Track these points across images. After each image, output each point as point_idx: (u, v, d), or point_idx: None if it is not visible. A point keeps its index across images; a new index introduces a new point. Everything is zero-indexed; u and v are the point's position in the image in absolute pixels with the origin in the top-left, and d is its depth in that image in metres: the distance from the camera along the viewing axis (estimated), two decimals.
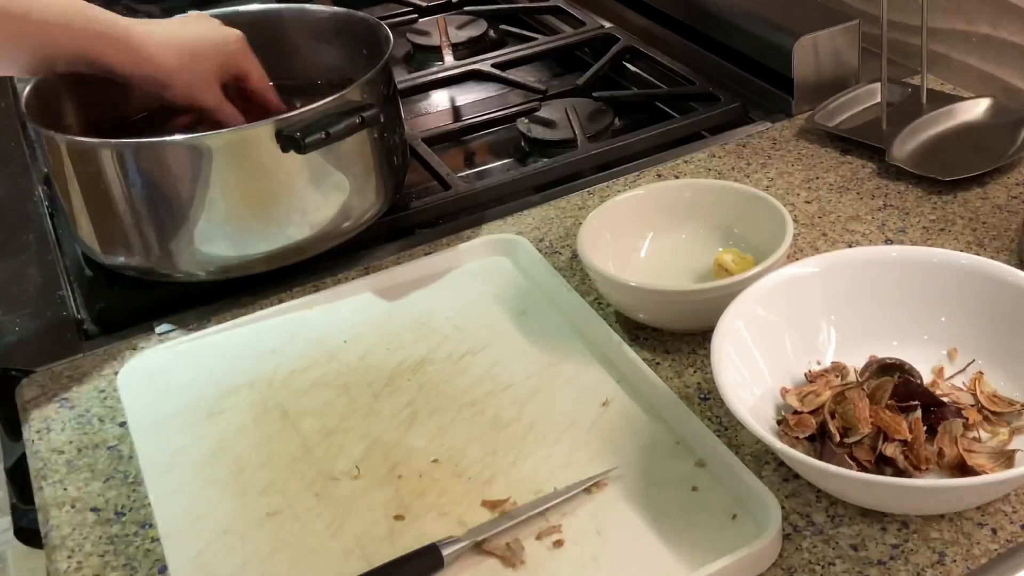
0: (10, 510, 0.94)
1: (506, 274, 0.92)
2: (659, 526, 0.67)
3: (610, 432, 0.74)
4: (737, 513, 0.67)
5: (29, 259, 1.03)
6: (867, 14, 1.15)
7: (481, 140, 1.21)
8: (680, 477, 0.70)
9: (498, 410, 0.77)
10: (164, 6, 1.56)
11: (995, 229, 0.90)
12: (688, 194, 0.91)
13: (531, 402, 0.78)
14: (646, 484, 0.70)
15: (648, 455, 0.72)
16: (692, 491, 0.69)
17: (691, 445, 0.72)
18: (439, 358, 0.83)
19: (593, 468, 0.71)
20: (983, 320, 0.74)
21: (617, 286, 0.81)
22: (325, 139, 0.87)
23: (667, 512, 0.68)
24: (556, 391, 0.78)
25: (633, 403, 0.76)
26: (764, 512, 0.65)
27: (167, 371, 0.84)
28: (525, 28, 1.44)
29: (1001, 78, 1.08)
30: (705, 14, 1.23)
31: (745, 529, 0.66)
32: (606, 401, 0.77)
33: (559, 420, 0.76)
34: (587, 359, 0.81)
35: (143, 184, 0.87)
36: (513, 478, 0.71)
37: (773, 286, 0.75)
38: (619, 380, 0.78)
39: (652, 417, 0.75)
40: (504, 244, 0.94)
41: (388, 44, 0.97)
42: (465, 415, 0.77)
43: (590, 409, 0.76)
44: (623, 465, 0.71)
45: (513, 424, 0.76)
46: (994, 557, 0.63)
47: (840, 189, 0.98)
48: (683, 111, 1.17)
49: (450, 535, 0.66)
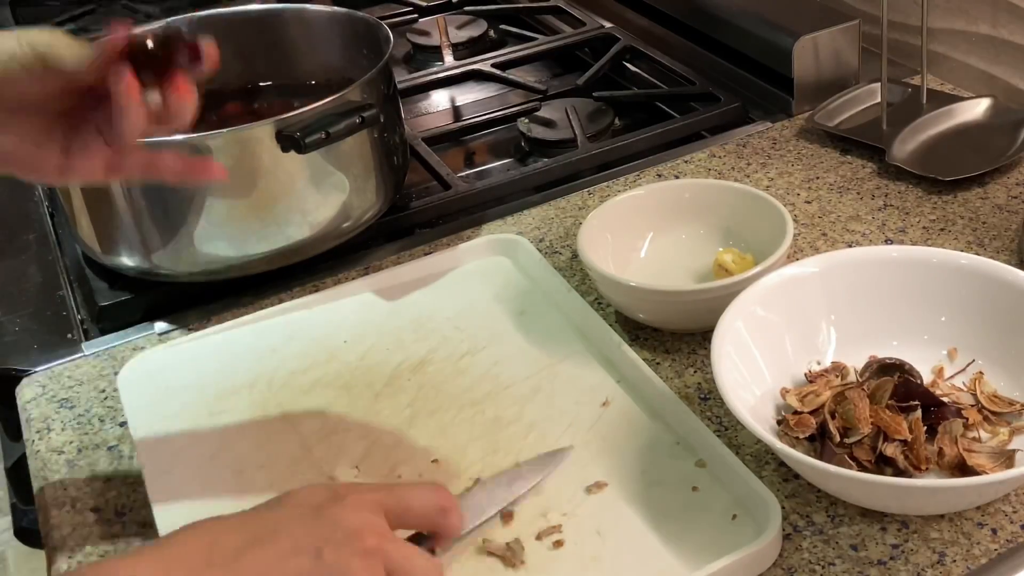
0: (10, 510, 0.94)
1: (506, 274, 0.92)
2: (659, 526, 0.67)
3: (610, 432, 0.74)
4: (737, 513, 0.67)
5: (29, 259, 1.03)
6: (867, 14, 1.15)
7: (481, 140, 1.21)
8: (680, 477, 0.70)
9: (498, 410, 0.77)
10: (164, 6, 1.56)
11: (995, 229, 0.90)
12: (688, 194, 0.91)
13: (531, 402, 0.78)
14: (646, 484, 0.70)
15: (648, 455, 0.72)
16: (692, 491, 0.69)
17: (691, 445, 0.72)
18: (439, 358, 0.83)
19: (594, 468, 0.71)
20: (983, 320, 0.74)
21: (617, 286, 0.81)
22: (325, 139, 0.86)
23: (667, 512, 0.68)
24: (556, 391, 0.78)
25: (633, 403, 0.76)
26: (764, 512, 0.65)
27: (167, 371, 0.84)
28: (525, 28, 1.44)
29: (1001, 78, 1.08)
30: (705, 14, 1.23)
31: (745, 529, 0.66)
32: (606, 401, 0.77)
33: (559, 420, 0.76)
34: (587, 359, 0.81)
35: (143, 184, 0.87)
36: None
37: (773, 286, 0.75)
38: (619, 380, 0.78)
39: (652, 417, 0.75)
40: (504, 244, 0.94)
41: (388, 44, 0.97)
42: (465, 415, 0.77)
43: (590, 409, 0.76)
44: (623, 465, 0.71)
45: (513, 424, 0.76)
46: (994, 557, 0.63)
47: (840, 189, 0.98)
48: (683, 111, 1.17)
49: None
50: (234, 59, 1.08)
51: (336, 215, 0.92)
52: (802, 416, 0.70)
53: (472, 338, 0.85)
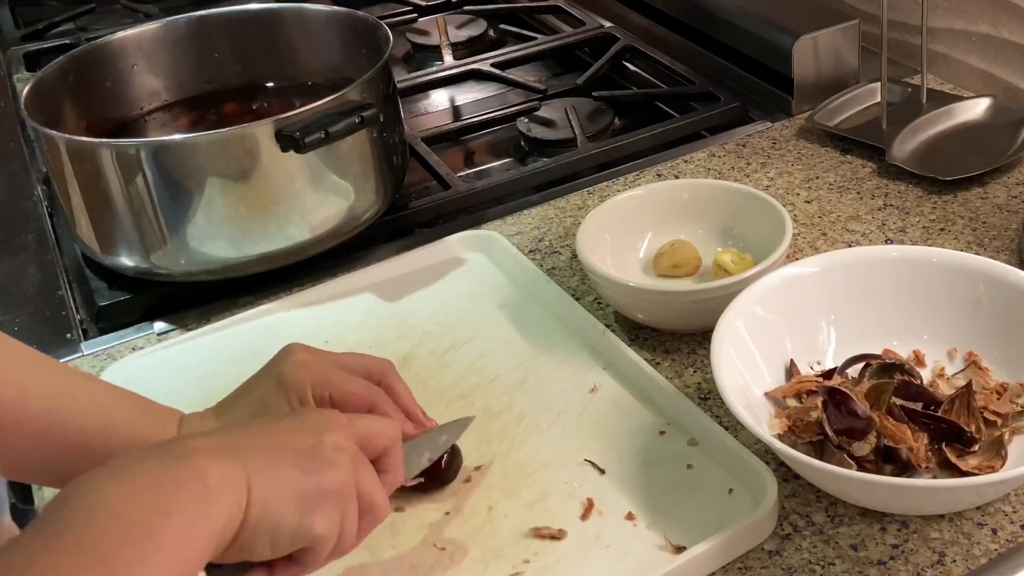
0: (10, 510, 0.94)
1: (482, 270, 0.92)
2: (657, 504, 0.68)
3: (600, 417, 0.75)
4: (733, 487, 0.68)
5: (29, 259, 1.03)
6: (867, 14, 1.15)
7: (481, 140, 1.20)
8: (674, 456, 0.71)
9: (488, 401, 0.78)
10: (164, 6, 1.56)
11: (995, 229, 0.90)
12: (687, 194, 0.90)
13: (520, 392, 0.78)
14: (641, 464, 0.71)
15: (640, 437, 0.73)
16: (687, 469, 0.70)
17: (682, 425, 0.73)
18: (423, 353, 0.83)
19: (586, 453, 0.72)
20: (983, 320, 0.74)
21: (616, 286, 0.81)
22: (324, 139, 0.86)
23: (664, 490, 0.69)
24: (543, 380, 0.79)
25: (621, 388, 0.77)
26: (760, 484, 0.66)
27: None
28: (525, 28, 1.44)
29: (1001, 78, 1.08)
30: (705, 14, 1.23)
31: (742, 502, 0.67)
32: (594, 387, 0.78)
33: (549, 408, 0.76)
34: (572, 348, 0.82)
35: (142, 184, 0.87)
36: (509, 465, 0.72)
37: (773, 286, 0.75)
38: (605, 366, 0.79)
39: (641, 400, 0.76)
40: (478, 240, 0.94)
41: (387, 44, 0.97)
42: (455, 408, 0.77)
43: (579, 396, 0.77)
44: (616, 448, 0.72)
45: (504, 414, 0.76)
46: (994, 557, 0.63)
47: (840, 189, 0.98)
48: (683, 111, 1.17)
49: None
50: (234, 59, 1.08)
51: (335, 215, 0.92)
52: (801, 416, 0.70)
53: (454, 333, 0.85)
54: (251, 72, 1.08)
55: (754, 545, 0.64)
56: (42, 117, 0.90)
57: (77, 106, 0.99)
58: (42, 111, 0.92)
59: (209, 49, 1.07)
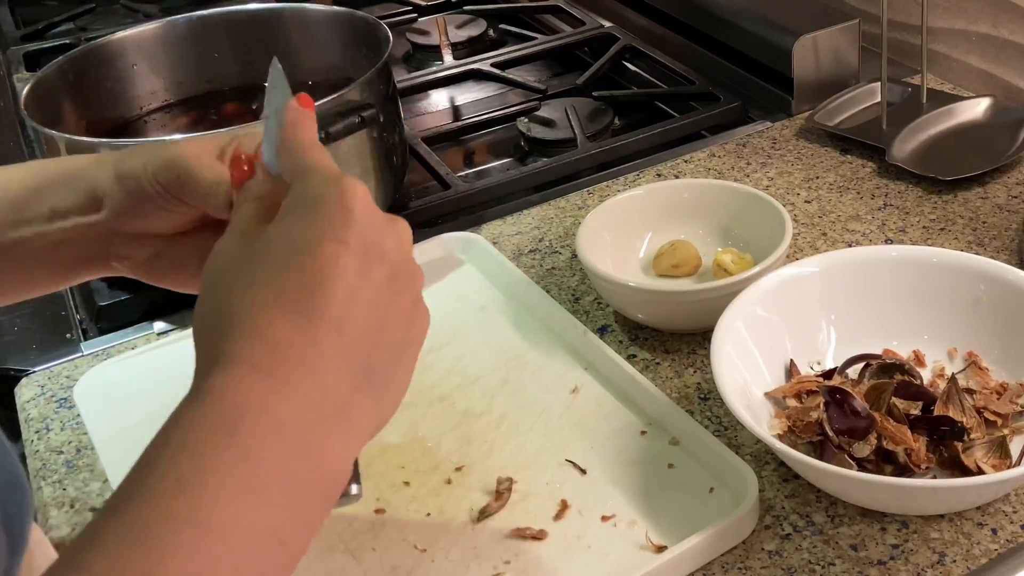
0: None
1: (462, 273, 0.92)
2: (638, 504, 0.68)
3: (582, 417, 0.75)
4: (714, 486, 0.68)
5: None
6: (867, 14, 1.15)
7: (481, 140, 1.20)
8: (655, 456, 0.71)
9: (469, 403, 0.78)
10: (164, 5, 1.56)
11: (995, 229, 0.90)
12: (687, 194, 0.90)
13: (500, 393, 0.78)
14: (623, 464, 0.71)
15: (621, 437, 0.73)
16: (668, 468, 0.70)
17: (663, 425, 0.73)
18: None
19: (567, 453, 0.72)
20: (983, 320, 0.74)
21: (616, 286, 0.81)
22: (324, 139, 0.86)
23: (645, 490, 0.69)
24: (524, 381, 0.79)
25: (602, 388, 0.77)
26: (741, 483, 0.66)
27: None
28: (525, 28, 1.44)
29: (1001, 78, 1.08)
30: (705, 14, 1.23)
31: (723, 501, 0.67)
32: (575, 388, 0.78)
33: (530, 409, 0.76)
34: (552, 349, 0.82)
35: None
36: (490, 466, 0.72)
37: (773, 286, 0.75)
38: (586, 367, 0.79)
39: (623, 400, 0.76)
40: (459, 243, 0.94)
41: (387, 44, 0.97)
42: (436, 409, 0.77)
43: (560, 397, 0.77)
44: (597, 448, 0.72)
45: (485, 415, 0.76)
46: (994, 557, 0.63)
47: (840, 189, 0.98)
48: (683, 111, 1.17)
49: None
50: (234, 59, 1.08)
51: None
52: (801, 416, 0.70)
53: (434, 334, 0.83)
54: (251, 72, 1.08)
55: (736, 543, 0.65)
56: (42, 117, 0.90)
57: (77, 106, 0.99)
58: (42, 111, 0.92)
59: (209, 49, 1.07)
